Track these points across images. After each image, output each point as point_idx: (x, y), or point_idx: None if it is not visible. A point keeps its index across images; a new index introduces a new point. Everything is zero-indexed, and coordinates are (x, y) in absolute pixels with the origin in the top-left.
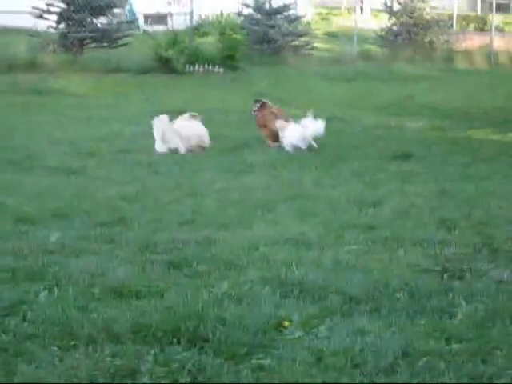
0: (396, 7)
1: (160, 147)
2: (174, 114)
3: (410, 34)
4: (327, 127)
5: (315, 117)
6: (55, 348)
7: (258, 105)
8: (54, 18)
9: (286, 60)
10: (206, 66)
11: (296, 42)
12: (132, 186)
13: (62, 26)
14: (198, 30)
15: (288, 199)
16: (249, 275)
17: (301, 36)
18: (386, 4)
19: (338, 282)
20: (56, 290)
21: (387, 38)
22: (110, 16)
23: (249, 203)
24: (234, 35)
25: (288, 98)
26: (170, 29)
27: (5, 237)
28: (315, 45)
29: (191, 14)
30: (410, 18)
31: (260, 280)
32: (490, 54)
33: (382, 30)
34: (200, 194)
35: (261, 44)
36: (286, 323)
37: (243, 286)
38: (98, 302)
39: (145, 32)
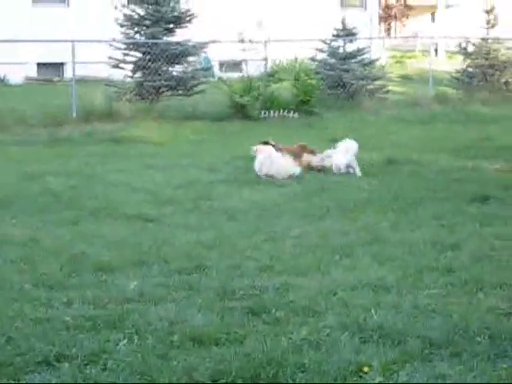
0: (471, 49)
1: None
2: (249, 160)
3: (486, 75)
4: (404, 170)
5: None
6: None
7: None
8: (130, 67)
9: (361, 104)
10: (281, 111)
11: (371, 86)
12: (209, 233)
13: (137, 74)
14: (273, 75)
15: (365, 243)
16: (327, 321)
17: (375, 80)
18: (460, 46)
19: (418, 326)
20: (136, 339)
21: (462, 80)
22: (185, 64)
23: (326, 248)
24: (309, 80)
25: (364, 142)
26: (245, 75)
27: (85, 286)
28: (390, 88)
29: (266, 60)
30: (486, 59)
31: (339, 325)
32: None
33: (457, 71)
34: (277, 239)
35: (335, 88)
36: (366, 368)
37: (322, 332)
38: (177, 349)
39: (220, 79)
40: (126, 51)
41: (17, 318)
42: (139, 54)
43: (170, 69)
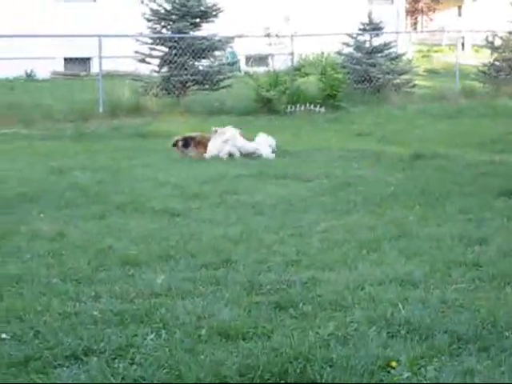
0: (498, 42)
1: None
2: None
3: None
4: (431, 165)
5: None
6: None
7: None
8: (157, 61)
9: (388, 98)
10: (308, 105)
11: (397, 80)
12: (236, 228)
13: (164, 69)
14: (299, 70)
15: (393, 238)
16: (355, 315)
17: (402, 74)
18: (487, 39)
19: (445, 321)
20: (163, 333)
21: (489, 74)
22: (211, 58)
23: (353, 243)
24: (335, 74)
25: (391, 136)
26: (271, 70)
27: (112, 280)
28: (417, 82)
29: (292, 54)
30: None
31: (366, 320)
32: None
33: (484, 65)
34: (304, 234)
35: (362, 83)
36: (394, 363)
37: (349, 327)
38: (204, 344)
39: (246, 73)
40: (153, 46)
41: (45, 312)
42: (165, 49)
43: (197, 63)
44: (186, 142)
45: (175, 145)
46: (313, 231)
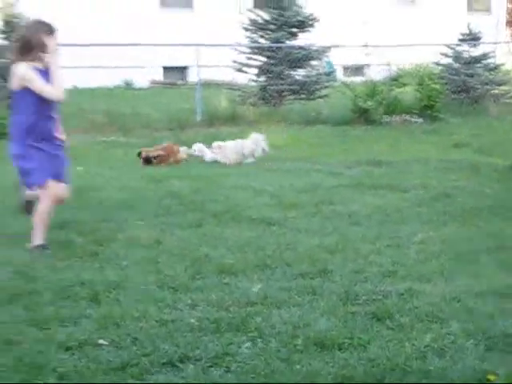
0: None
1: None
2: (369, 165)
3: None
4: None
5: None
6: None
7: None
8: (254, 71)
9: (486, 109)
10: (404, 116)
11: (496, 91)
12: (332, 237)
13: (261, 78)
14: (397, 80)
15: (490, 250)
16: (452, 328)
17: (501, 84)
18: None
19: None
20: (259, 342)
21: None
22: (308, 68)
23: (450, 254)
24: (433, 85)
25: (488, 147)
26: (368, 79)
27: (209, 288)
28: None
29: (389, 64)
30: None
31: (463, 332)
32: None
33: None
34: (401, 245)
35: (459, 93)
36: (492, 377)
37: (446, 339)
38: (300, 353)
39: (343, 83)
40: (250, 55)
41: (142, 318)
42: (263, 58)
43: (293, 73)
44: (148, 160)
45: (139, 155)
46: (409, 242)
